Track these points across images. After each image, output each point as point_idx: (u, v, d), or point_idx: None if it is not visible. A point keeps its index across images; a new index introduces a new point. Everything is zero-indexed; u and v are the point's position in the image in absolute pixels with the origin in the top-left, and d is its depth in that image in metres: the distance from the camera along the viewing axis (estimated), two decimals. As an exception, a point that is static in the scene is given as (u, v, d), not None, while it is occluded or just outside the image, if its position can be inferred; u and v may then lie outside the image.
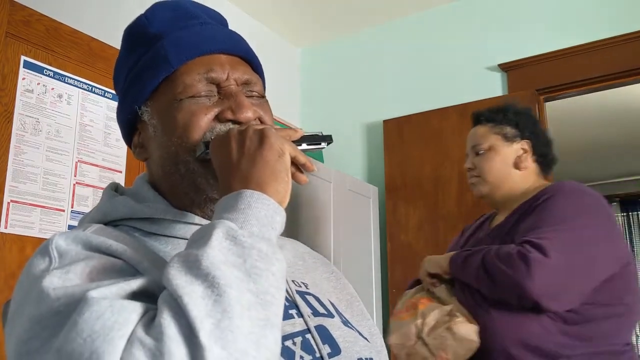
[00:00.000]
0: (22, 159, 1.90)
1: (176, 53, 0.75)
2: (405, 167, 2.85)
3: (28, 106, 1.94)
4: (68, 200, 2.01)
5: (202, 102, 0.73)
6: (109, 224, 0.76)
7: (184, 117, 0.72)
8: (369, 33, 3.29)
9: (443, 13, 3.06)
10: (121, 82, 0.82)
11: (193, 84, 0.74)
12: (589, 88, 2.67)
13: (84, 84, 2.12)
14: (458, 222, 2.66)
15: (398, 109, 3.02)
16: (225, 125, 0.72)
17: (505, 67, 2.79)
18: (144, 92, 0.77)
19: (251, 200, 0.59)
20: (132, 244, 0.67)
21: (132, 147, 0.82)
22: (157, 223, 0.74)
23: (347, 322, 0.79)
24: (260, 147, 0.64)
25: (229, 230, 0.56)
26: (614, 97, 4.00)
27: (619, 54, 2.52)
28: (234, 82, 0.75)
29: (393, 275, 2.76)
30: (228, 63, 0.76)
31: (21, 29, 1.95)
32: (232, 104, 0.73)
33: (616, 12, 2.58)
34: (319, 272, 0.89)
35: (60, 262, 0.60)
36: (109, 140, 2.18)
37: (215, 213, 0.62)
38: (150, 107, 0.77)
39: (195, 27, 0.78)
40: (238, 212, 0.58)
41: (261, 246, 0.56)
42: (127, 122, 0.80)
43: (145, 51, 0.78)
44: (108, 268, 0.61)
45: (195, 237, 0.58)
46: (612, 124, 4.64)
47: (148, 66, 0.76)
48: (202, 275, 0.51)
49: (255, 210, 0.59)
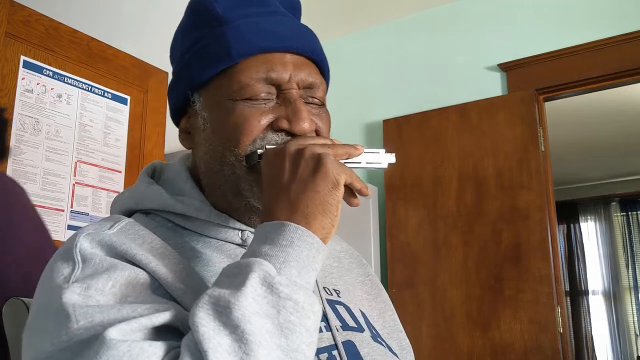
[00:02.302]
0: (21, 159, 1.90)
1: (238, 46, 0.69)
2: (405, 167, 2.85)
3: (27, 106, 1.94)
4: (67, 200, 2.01)
5: (257, 106, 0.68)
6: (141, 210, 0.74)
7: (236, 121, 0.68)
8: (368, 33, 3.29)
9: (443, 13, 3.06)
10: (177, 58, 0.77)
11: (251, 84, 0.68)
12: (589, 88, 2.67)
13: (83, 84, 2.12)
14: (458, 222, 2.66)
15: (398, 109, 3.02)
16: (277, 135, 0.68)
17: (504, 67, 2.79)
18: (198, 79, 0.72)
19: (294, 236, 0.55)
20: (160, 249, 0.65)
21: (179, 130, 0.78)
22: (190, 220, 0.72)
23: (376, 337, 0.76)
24: (314, 175, 0.58)
25: (266, 277, 0.52)
26: (614, 97, 4.00)
27: (619, 54, 2.52)
28: (295, 85, 0.70)
29: (393, 275, 2.76)
30: (292, 63, 0.70)
31: (21, 29, 1.95)
32: (289, 112, 0.68)
33: (616, 12, 2.58)
34: (353, 275, 0.86)
35: (83, 271, 0.59)
36: (109, 140, 2.18)
37: (254, 240, 0.58)
38: (202, 97, 0.72)
39: (262, 17, 0.71)
40: (278, 249, 0.55)
41: (298, 297, 0.52)
42: (178, 104, 0.76)
43: (205, 33, 0.72)
44: (131, 282, 0.59)
45: (230, 271, 0.55)
46: (612, 124, 4.64)
47: (206, 53, 0.71)
48: (231, 326, 0.49)
49: (297, 249, 0.55)
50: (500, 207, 2.58)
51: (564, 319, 2.45)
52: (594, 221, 6.48)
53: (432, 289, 2.66)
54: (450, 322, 2.58)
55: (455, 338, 2.55)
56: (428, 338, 2.59)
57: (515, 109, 2.65)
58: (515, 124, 2.63)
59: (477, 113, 2.73)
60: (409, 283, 2.71)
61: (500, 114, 2.68)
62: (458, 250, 2.64)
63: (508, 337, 2.45)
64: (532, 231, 2.49)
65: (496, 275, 2.53)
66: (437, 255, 2.68)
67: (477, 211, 2.63)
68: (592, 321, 6.27)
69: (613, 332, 6.15)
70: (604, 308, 6.26)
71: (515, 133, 2.62)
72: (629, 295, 6.15)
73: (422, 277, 2.69)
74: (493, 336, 2.48)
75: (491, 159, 2.65)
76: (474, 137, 2.71)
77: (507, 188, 2.59)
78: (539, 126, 2.61)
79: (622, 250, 6.27)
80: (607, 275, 6.28)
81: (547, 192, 2.55)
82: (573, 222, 6.52)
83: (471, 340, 2.52)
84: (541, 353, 2.37)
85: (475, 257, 2.59)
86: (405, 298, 2.68)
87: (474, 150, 2.69)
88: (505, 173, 2.61)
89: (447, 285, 2.63)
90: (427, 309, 2.64)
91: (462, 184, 2.69)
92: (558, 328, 2.38)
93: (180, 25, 0.79)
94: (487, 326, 2.50)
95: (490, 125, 2.69)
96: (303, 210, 0.57)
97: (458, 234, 2.65)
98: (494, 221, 2.58)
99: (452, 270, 2.63)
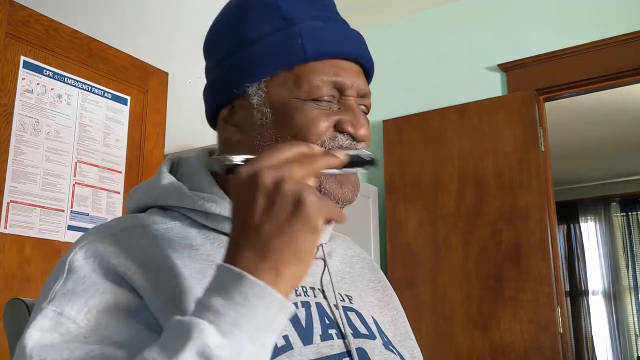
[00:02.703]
0: (21, 159, 1.90)
1: (314, 46, 0.70)
2: (405, 167, 2.85)
3: (28, 106, 1.94)
4: (67, 201, 2.01)
5: (323, 107, 0.70)
6: (159, 205, 0.74)
7: (304, 121, 0.69)
8: (368, 33, 3.29)
9: (443, 13, 3.06)
10: (224, 51, 0.75)
11: (320, 85, 0.69)
12: (589, 88, 2.67)
13: (83, 84, 2.12)
14: (458, 222, 2.66)
15: (398, 109, 3.02)
16: (345, 136, 0.69)
17: (505, 67, 2.79)
18: (264, 73, 0.71)
19: (250, 293, 0.48)
20: (159, 263, 0.63)
21: (219, 120, 0.75)
22: (210, 217, 0.71)
23: (388, 344, 0.76)
24: (291, 218, 0.50)
25: (205, 350, 0.46)
26: (614, 97, 4.00)
27: (619, 54, 2.52)
28: (355, 93, 0.72)
29: (393, 275, 2.76)
30: (354, 71, 0.73)
31: (21, 29, 1.95)
32: (352, 118, 0.70)
33: (616, 12, 2.58)
34: (365, 281, 0.86)
35: (64, 284, 0.60)
36: (109, 141, 2.18)
37: (212, 281, 0.51)
38: (263, 92, 0.71)
39: (331, 23, 0.74)
40: (231, 306, 0.47)
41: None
42: (226, 95, 0.74)
43: (273, 30, 0.71)
44: (110, 309, 0.58)
45: (173, 329, 0.49)
46: (612, 124, 4.64)
47: (278, 49, 0.70)
48: None
49: (252, 310, 0.48)
50: (500, 207, 2.58)
51: (564, 319, 2.45)
52: (594, 221, 6.48)
53: (432, 289, 2.66)
54: (450, 322, 2.58)
55: (455, 338, 2.55)
56: (428, 338, 2.59)
57: (515, 109, 2.65)
58: (515, 124, 2.63)
59: (477, 113, 2.73)
60: (409, 283, 2.71)
61: (501, 114, 2.68)
62: (458, 250, 2.64)
63: (508, 337, 2.45)
64: (532, 231, 2.49)
65: (496, 275, 2.53)
66: (437, 255, 2.68)
67: (477, 211, 2.63)
68: (592, 321, 6.27)
69: (613, 332, 6.15)
70: (604, 308, 6.26)
71: (515, 133, 2.62)
72: (629, 295, 6.15)
73: (422, 277, 2.69)
74: (493, 336, 2.48)
75: (491, 159, 2.65)
76: (474, 137, 2.71)
77: (507, 188, 2.59)
78: (539, 126, 2.61)
79: (622, 250, 6.27)
80: (607, 275, 6.28)
81: (547, 192, 2.55)
82: (573, 222, 6.52)
83: (471, 340, 2.52)
84: (541, 353, 2.37)
85: (475, 257, 2.59)
86: (405, 298, 2.67)
87: (474, 150, 2.70)
88: (505, 173, 2.61)
89: (447, 285, 2.63)
90: (427, 309, 2.64)
91: (462, 184, 2.69)
92: (558, 328, 2.38)
93: (226, 18, 0.77)
94: (487, 326, 2.50)
95: (491, 125, 2.69)
96: (274, 258, 0.49)
97: (458, 234, 2.65)
98: (494, 221, 2.58)
99: (452, 270, 2.63)
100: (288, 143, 0.56)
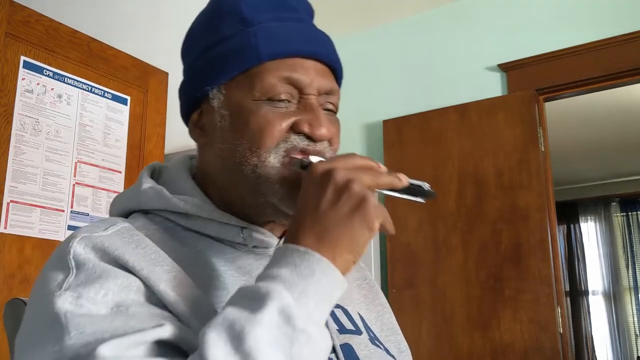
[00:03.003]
0: (21, 159, 1.90)
1: (267, 46, 0.70)
2: (405, 167, 2.85)
3: (28, 106, 1.94)
4: (68, 201, 2.01)
5: (279, 108, 0.69)
6: (141, 211, 0.74)
7: (259, 122, 0.68)
8: (368, 33, 3.29)
9: (443, 13, 3.06)
10: (194, 55, 0.77)
11: (274, 83, 0.69)
12: (589, 88, 2.67)
13: (83, 84, 2.12)
14: (458, 222, 2.66)
15: (398, 109, 3.02)
16: (299, 137, 0.69)
17: (504, 67, 2.79)
18: (221, 77, 0.72)
19: (317, 267, 0.54)
20: (153, 255, 0.65)
21: (190, 125, 0.77)
22: (191, 219, 0.72)
23: (374, 339, 0.77)
24: (353, 213, 0.57)
25: (285, 307, 0.51)
26: (614, 97, 4.00)
27: (619, 54, 2.52)
28: (316, 91, 0.71)
29: (393, 275, 2.76)
30: (314, 69, 0.72)
31: (21, 29, 1.95)
32: (310, 117, 0.69)
33: (616, 12, 2.58)
34: (350, 279, 0.86)
35: (77, 278, 0.59)
36: (109, 141, 2.18)
37: (274, 260, 0.57)
38: (222, 95, 0.72)
39: (291, 22, 0.73)
40: (299, 277, 0.54)
41: (312, 330, 0.52)
42: (192, 99, 0.76)
43: (232, 33, 0.72)
44: (124, 290, 0.59)
45: (247, 294, 0.54)
46: (612, 124, 4.64)
47: (233, 51, 0.71)
48: (242, 353, 0.49)
49: (318, 281, 0.54)
50: (500, 207, 2.58)
51: (564, 319, 2.45)
52: (594, 221, 6.48)
53: (432, 289, 2.66)
54: (450, 322, 2.58)
55: (455, 338, 2.56)
56: (428, 338, 2.59)
57: (515, 109, 2.65)
58: (515, 124, 2.63)
59: (477, 113, 2.73)
60: (409, 283, 2.71)
61: (500, 114, 2.68)
62: (458, 250, 2.64)
63: (508, 337, 2.45)
64: (532, 231, 2.49)
65: (496, 275, 2.53)
66: (437, 256, 2.68)
67: (477, 211, 2.63)
68: (592, 321, 6.27)
69: (613, 333, 6.15)
70: (604, 308, 6.26)
71: (515, 133, 2.62)
72: (629, 295, 6.15)
73: (422, 278, 2.69)
74: (493, 336, 2.48)
75: (491, 159, 2.65)
76: (474, 137, 2.71)
77: (507, 188, 2.59)
78: (539, 126, 2.61)
79: (622, 250, 6.27)
80: (607, 275, 6.28)
81: (547, 192, 2.55)
82: (573, 223, 6.52)
83: (471, 341, 2.52)
84: (541, 353, 2.37)
85: (475, 257, 2.59)
86: (405, 298, 2.68)
87: (474, 150, 2.70)
88: (505, 173, 2.61)
89: (447, 285, 2.63)
90: (427, 309, 2.64)
91: (462, 184, 2.69)
92: (558, 328, 2.38)
93: (198, 22, 0.79)
94: (487, 326, 2.50)
95: (490, 125, 2.69)
96: (331, 244, 0.56)
97: (458, 234, 2.65)
98: (494, 221, 2.58)
99: (452, 270, 2.63)
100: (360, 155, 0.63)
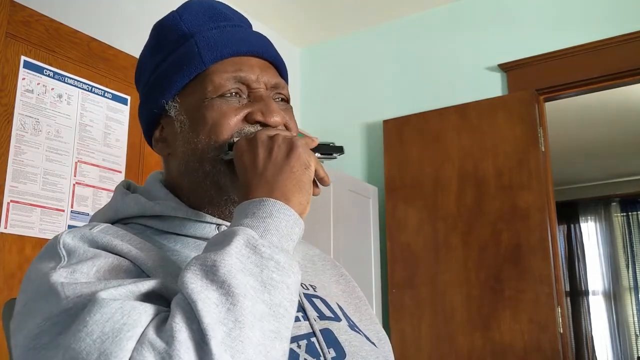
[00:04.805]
0: (22, 159, 1.90)
1: (209, 51, 0.75)
2: (405, 167, 2.85)
3: (28, 106, 1.94)
4: (68, 201, 2.01)
5: (232, 102, 0.74)
6: (120, 221, 0.77)
7: (214, 116, 0.73)
8: (369, 33, 3.29)
9: (443, 13, 3.06)
10: (146, 76, 0.82)
11: (223, 82, 0.74)
12: (589, 88, 2.67)
13: (83, 84, 2.12)
14: (458, 222, 2.66)
15: (398, 109, 3.02)
16: (254, 127, 0.73)
17: (505, 67, 2.79)
18: (174, 87, 0.77)
19: (273, 209, 0.60)
20: (138, 244, 0.68)
21: (153, 142, 0.82)
22: (168, 221, 0.75)
23: (354, 326, 0.80)
24: (288, 157, 0.64)
25: (250, 239, 0.56)
26: (614, 97, 4.00)
27: (619, 54, 2.52)
28: (263, 85, 0.76)
29: (393, 275, 2.76)
30: (257, 66, 0.77)
31: (21, 29, 1.95)
32: (262, 107, 0.74)
33: (616, 12, 2.58)
34: (327, 275, 0.90)
35: (69, 261, 0.62)
36: (109, 141, 2.18)
37: (235, 217, 0.62)
38: (178, 104, 0.77)
39: (227, 29, 0.79)
40: (259, 220, 0.59)
41: (279, 257, 0.56)
42: (151, 116, 0.81)
43: (175, 48, 0.78)
44: (115, 267, 0.62)
45: (215, 240, 0.58)
46: (612, 124, 4.64)
47: (179, 62, 0.76)
48: (218, 282, 0.52)
49: (277, 220, 0.59)
50: (500, 207, 2.58)
51: (564, 319, 2.45)
52: (594, 221, 6.48)
53: (432, 289, 2.66)
54: (450, 322, 2.58)
55: (455, 338, 2.56)
56: (428, 338, 2.59)
57: (515, 109, 2.65)
58: (515, 124, 2.63)
59: (477, 113, 2.73)
60: (409, 283, 2.71)
61: (500, 114, 2.68)
62: (458, 250, 2.64)
63: (508, 337, 2.45)
64: (532, 231, 2.49)
65: (496, 275, 2.53)
66: (437, 256, 2.68)
67: (477, 211, 2.63)
68: (592, 321, 6.27)
69: (613, 332, 6.15)
70: (604, 308, 6.26)
71: (515, 133, 2.62)
72: (629, 295, 6.15)
73: (422, 277, 2.69)
74: (493, 336, 2.48)
75: (491, 159, 2.65)
76: (474, 138, 2.71)
77: (507, 188, 2.59)
78: (539, 126, 2.61)
79: (622, 250, 6.27)
80: (607, 275, 6.28)
81: (547, 192, 2.55)
82: (573, 222, 6.52)
83: (471, 341, 2.52)
84: (541, 353, 2.37)
85: (475, 258, 2.59)
86: (405, 298, 2.69)
87: (474, 150, 2.70)
88: (505, 173, 2.61)
89: (447, 285, 2.63)
90: (427, 309, 2.64)
91: (462, 184, 2.69)
92: (558, 328, 2.38)
93: (146, 48, 0.84)
94: (487, 326, 2.50)
95: (490, 125, 2.69)
96: (281, 189, 0.62)
97: (458, 234, 2.65)
98: (494, 221, 2.58)
99: (452, 270, 2.63)
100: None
